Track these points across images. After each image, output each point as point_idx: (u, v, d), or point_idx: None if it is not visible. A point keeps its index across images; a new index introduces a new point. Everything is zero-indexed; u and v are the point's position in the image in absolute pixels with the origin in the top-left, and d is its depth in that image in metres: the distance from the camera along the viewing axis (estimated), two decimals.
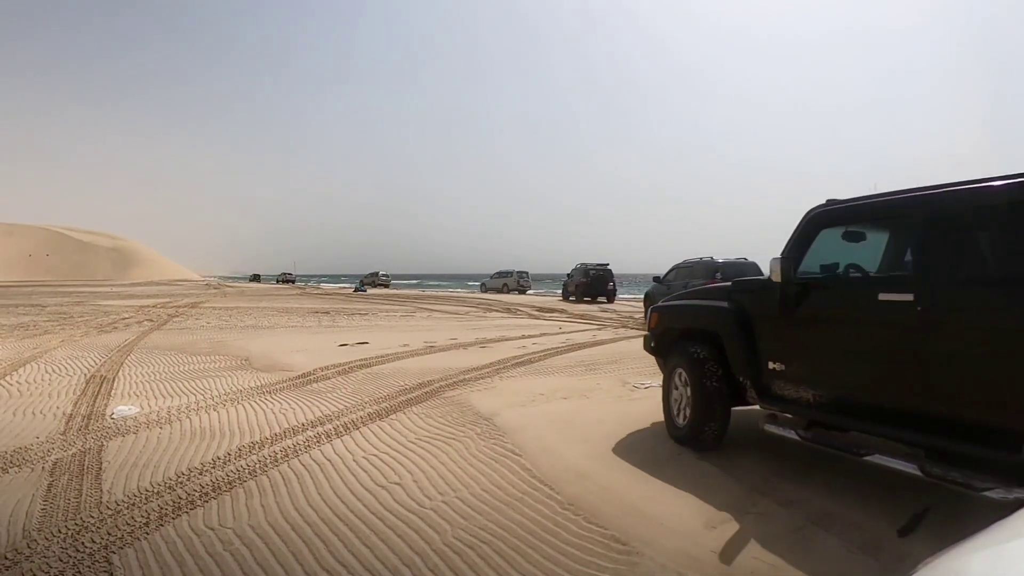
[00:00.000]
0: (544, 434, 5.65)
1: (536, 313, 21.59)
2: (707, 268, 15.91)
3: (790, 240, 4.82)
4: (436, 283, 79.08)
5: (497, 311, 22.59)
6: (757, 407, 5.02)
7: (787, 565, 3.21)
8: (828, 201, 4.75)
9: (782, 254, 4.63)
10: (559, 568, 3.19)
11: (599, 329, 15.45)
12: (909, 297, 3.73)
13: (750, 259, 15.98)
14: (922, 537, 3.50)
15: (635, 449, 5.22)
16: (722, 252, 17.22)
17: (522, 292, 43.62)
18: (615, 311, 23.06)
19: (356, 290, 48.98)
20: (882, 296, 3.97)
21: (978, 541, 1.02)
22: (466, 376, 8.55)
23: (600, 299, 31.20)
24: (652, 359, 6.49)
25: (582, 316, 19.83)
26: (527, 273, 45.40)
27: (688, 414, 5.26)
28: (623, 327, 15.99)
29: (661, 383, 5.88)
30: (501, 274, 45.89)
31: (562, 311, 23.01)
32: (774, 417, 4.85)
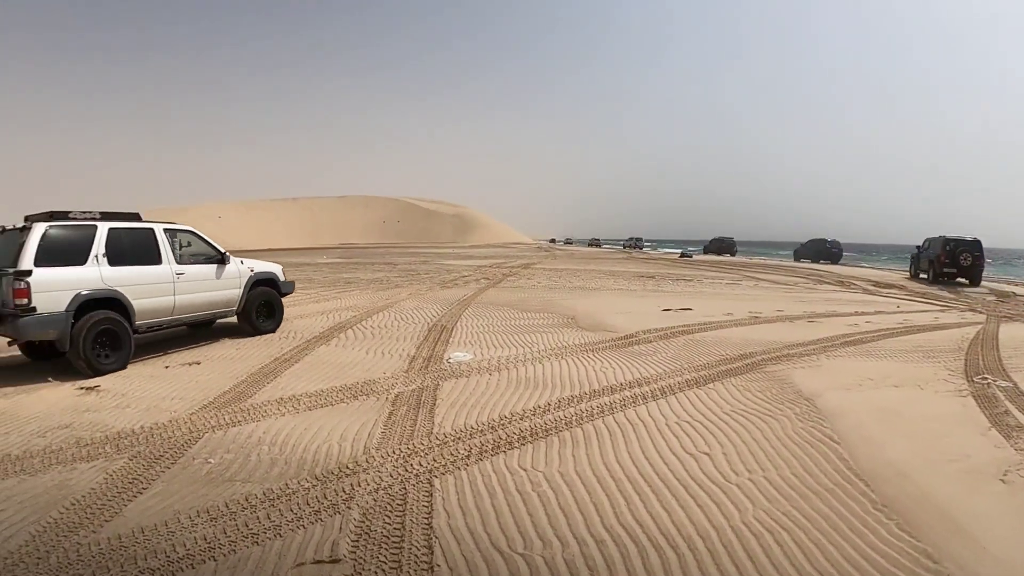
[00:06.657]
0: (867, 423, 5.13)
1: (872, 288, 19.32)
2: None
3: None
4: (746, 250, 72.72)
5: (828, 283, 20.71)
6: None
7: None
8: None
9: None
10: (858, 572, 2.92)
11: (942, 311, 13.26)
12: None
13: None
14: None
15: (968, 455, 4.45)
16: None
17: (834, 261, 40.48)
18: (967, 293, 19.37)
19: (682, 255, 48.56)
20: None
21: None
22: (790, 351, 8.05)
23: (961, 280, 22.96)
24: (1006, 347, 8.66)
25: (924, 295, 17.25)
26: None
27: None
28: (971, 311, 13.38)
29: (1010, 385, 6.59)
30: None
31: (900, 287, 20.30)
32: None
